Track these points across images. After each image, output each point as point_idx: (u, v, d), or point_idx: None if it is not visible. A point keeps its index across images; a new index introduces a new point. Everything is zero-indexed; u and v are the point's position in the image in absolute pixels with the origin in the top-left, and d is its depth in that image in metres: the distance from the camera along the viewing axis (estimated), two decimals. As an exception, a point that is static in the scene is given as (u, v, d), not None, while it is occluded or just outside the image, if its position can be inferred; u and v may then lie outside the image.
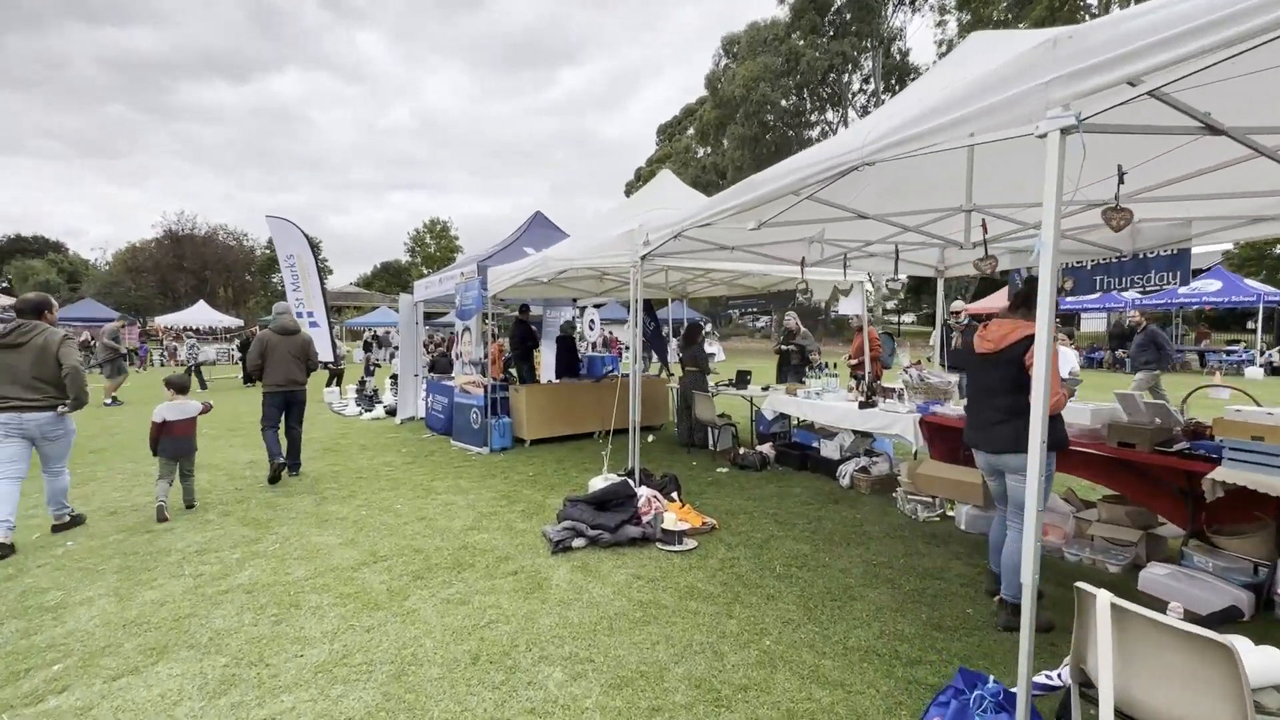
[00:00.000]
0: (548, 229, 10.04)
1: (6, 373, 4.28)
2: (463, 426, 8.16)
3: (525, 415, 8.06)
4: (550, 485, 6.02)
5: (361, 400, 12.03)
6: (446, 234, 64.54)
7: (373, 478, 6.40)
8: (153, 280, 39.25)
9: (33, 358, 4.34)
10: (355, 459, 7.39)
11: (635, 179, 56.42)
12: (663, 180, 7.18)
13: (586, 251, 5.60)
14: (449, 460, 7.31)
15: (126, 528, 4.74)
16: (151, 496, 5.31)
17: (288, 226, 13.39)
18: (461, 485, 6.05)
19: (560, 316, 13.09)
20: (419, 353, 11.16)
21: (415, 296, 10.46)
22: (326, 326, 13.74)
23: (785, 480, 6.20)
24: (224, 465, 7.04)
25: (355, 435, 9.16)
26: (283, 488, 6.02)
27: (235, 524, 4.83)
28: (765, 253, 5.46)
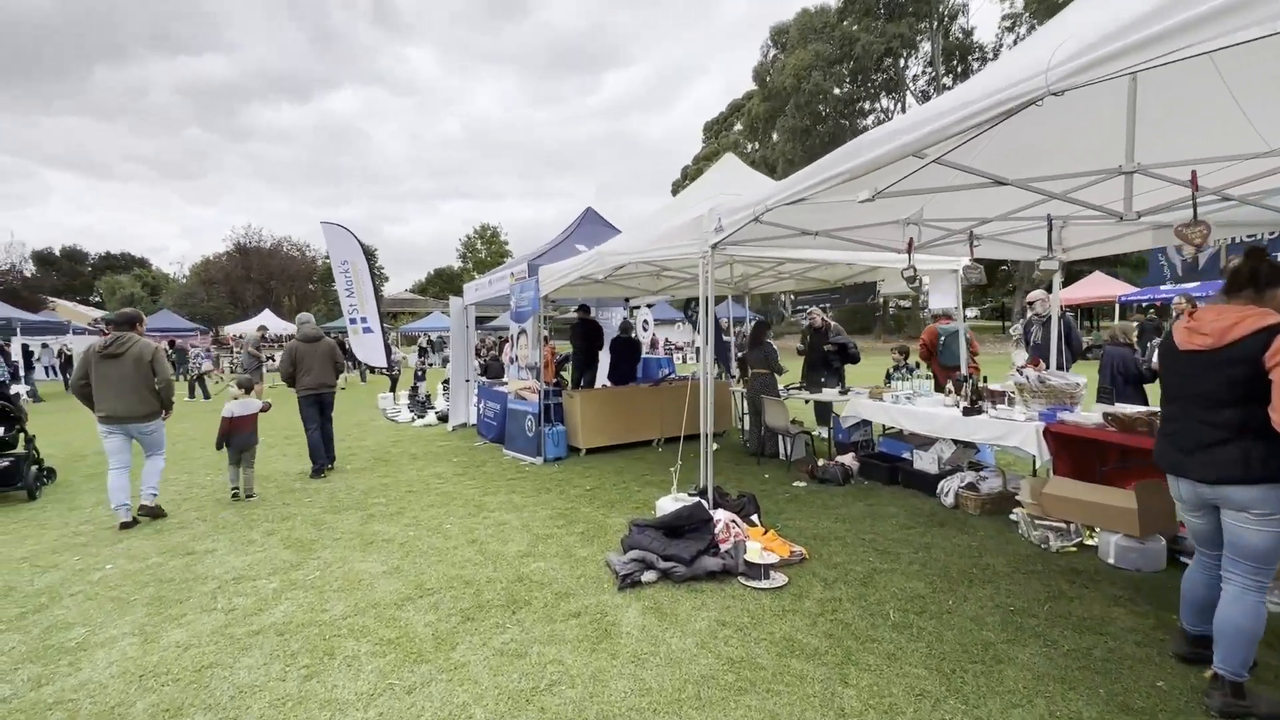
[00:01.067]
0: (599, 225, 9.55)
1: (108, 381, 4.88)
2: (515, 434, 7.74)
3: (580, 423, 7.57)
4: (610, 502, 5.47)
5: (414, 406, 11.86)
6: (496, 239, 65.51)
7: (422, 492, 6.03)
8: (223, 291, 41.21)
9: (130, 367, 4.93)
10: (405, 470, 7.06)
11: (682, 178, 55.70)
12: (726, 165, 6.54)
13: (647, 244, 5.03)
14: (501, 472, 6.88)
15: (168, 549, 4.47)
16: (196, 507, 5.09)
17: (342, 233, 13.40)
18: (515, 501, 5.58)
19: (612, 317, 12.60)
20: (470, 357, 10.88)
21: (466, 300, 10.17)
22: (380, 332, 13.69)
23: (874, 497, 5.45)
24: (275, 476, 6.83)
25: (407, 443, 8.90)
26: (330, 501, 5.71)
27: (278, 545, 4.50)
28: (853, 238, 4.75)
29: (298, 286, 45.65)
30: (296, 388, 6.66)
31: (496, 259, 61.90)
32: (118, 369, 4.88)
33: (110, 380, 4.87)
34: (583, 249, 8.38)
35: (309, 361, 6.63)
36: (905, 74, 39.42)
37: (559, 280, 6.73)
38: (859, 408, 6.12)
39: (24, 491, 6.16)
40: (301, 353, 6.63)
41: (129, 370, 4.90)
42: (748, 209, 3.61)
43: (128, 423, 4.97)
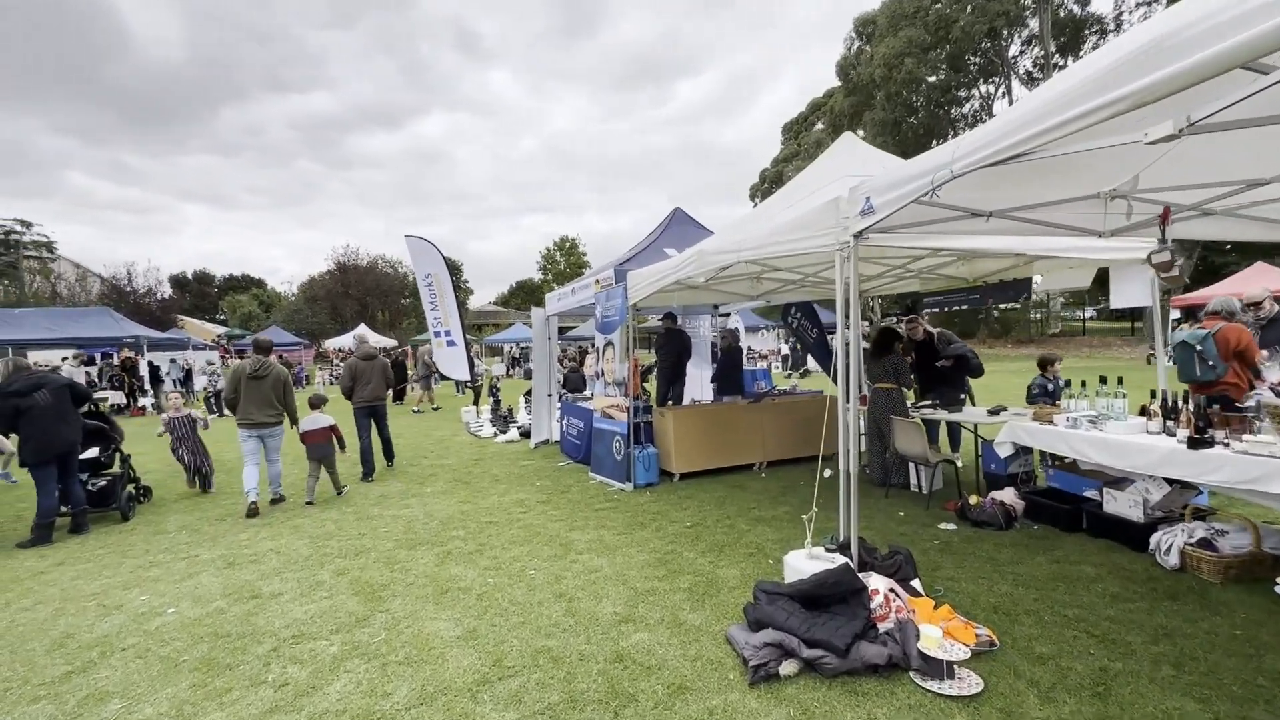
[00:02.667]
0: (688, 226, 8.79)
1: (254, 397, 6.06)
2: (602, 456, 7.06)
3: (674, 444, 6.78)
4: (717, 546, 4.63)
5: (496, 421, 11.53)
6: (575, 250, 66.39)
7: (504, 524, 5.43)
8: (325, 307, 43.95)
9: (270, 386, 6.14)
10: (486, 495, 6.53)
11: (760, 181, 54.13)
12: (844, 146, 5.57)
13: (765, 237, 4.18)
14: (588, 499, 6.20)
15: (235, 588, 4.07)
16: (272, 537, 4.73)
17: (425, 246, 13.40)
18: (606, 540, 4.86)
19: (700, 325, 11.77)
20: (553, 370, 10.39)
21: (548, 310, 9.67)
22: (464, 345, 13.57)
23: (1056, 549, 4.29)
24: (353, 500, 6.49)
25: (489, 462, 8.45)
26: (407, 532, 5.22)
27: (346, 589, 3.99)
28: (1032, 217, 3.68)
29: (391, 301, 48.01)
30: (354, 400, 7.59)
31: (575, 270, 62.68)
32: (260, 388, 6.08)
33: (254, 396, 6.06)
34: (672, 252, 7.64)
35: (366, 376, 7.60)
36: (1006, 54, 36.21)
37: (650, 285, 6.00)
38: (1020, 433, 4.94)
39: (118, 512, 6.14)
40: (360, 369, 7.62)
41: (268, 389, 6.13)
42: (919, 180, 2.69)
43: (261, 428, 6.11)
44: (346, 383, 7.60)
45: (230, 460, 8.96)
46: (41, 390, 5.44)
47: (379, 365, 7.75)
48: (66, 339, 16.78)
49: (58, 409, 5.49)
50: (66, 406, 5.59)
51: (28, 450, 5.36)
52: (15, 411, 5.33)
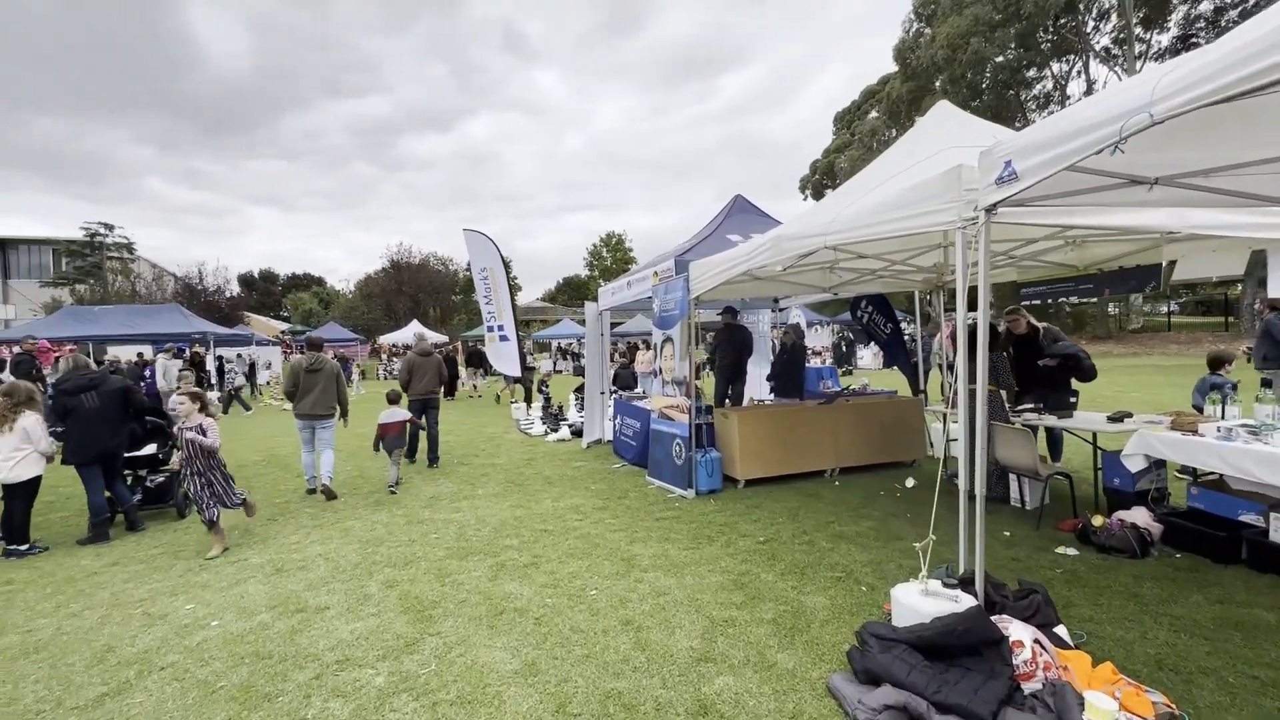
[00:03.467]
0: (751, 214, 8.24)
1: (307, 389, 6.46)
2: (661, 460, 6.62)
3: (739, 448, 6.28)
4: (798, 567, 4.12)
5: (547, 419, 11.26)
6: (621, 246, 66.25)
7: (560, 532, 5.06)
8: (380, 304, 45.09)
9: (324, 380, 6.53)
10: (540, 500, 6.19)
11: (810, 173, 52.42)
12: (938, 117, 4.92)
13: (858, 217, 3.63)
14: (647, 506, 5.78)
15: (281, 599, 3.82)
16: (320, 541, 4.49)
17: (481, 239, 13.26)
18: (671, 555, 4.41)
19: (759, 320, 11.19)
20: (606, 367, 10.02)
21: (601, 304, 9.30)
22: (516, 340, 13.40)
23: (1212, 585, 3.59)
24: (404, 501, 6.26)
25: (540, 462, 8.14)
26: (459, 539, 4.92)
27: (395, 605, 3.68)
28: (1208, 185, 3.00)
29: (442, 298, 48.85)
30: (409, 392, 7.99)
31: (622, 266, 62.56)
32: (314, 381, 6.48)
33: (309, 389, 6.47)
34: (736, 239, 7.12)
35: (422, 372, 8.06)
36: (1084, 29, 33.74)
37: (716, 276, 5.51)
38: (1156, 444, 4.23)
39: (174, 509, 6.10)
40: (417, 364, 8.08)
41: (322, 383, 6.51)
42: (1095, 132, 2.11)
43: (315, 420, 6.50)
44: (404, 376, 8.06)
45: (286, 455, 8.97)
46: (90, 392, 5.37)
47: (434, 362, 8.23)
48: (141, 335, 17.53)
49: (102, 412, 5.39)
50: (113, 411, 5.48)
51: (68, 449, 5.31)
52: (65, 410, 5.31)
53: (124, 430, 5.67)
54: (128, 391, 5.71)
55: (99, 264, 34.19)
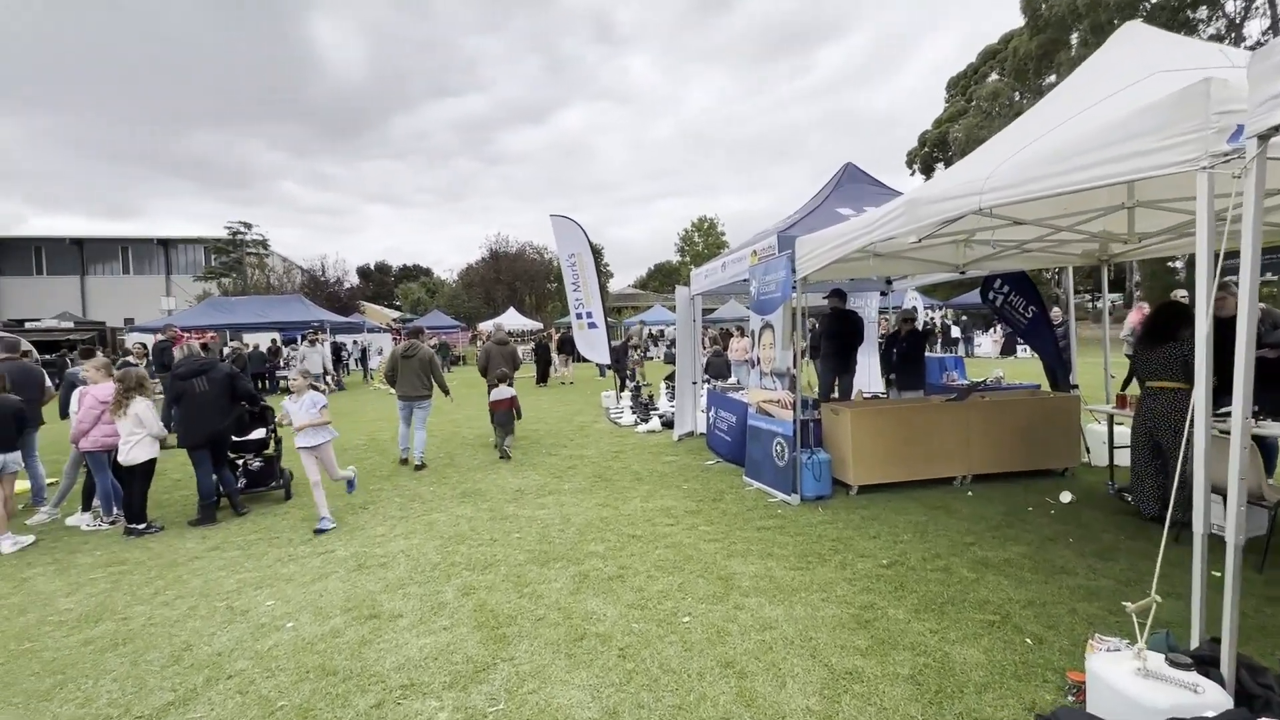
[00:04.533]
0: (863, 184, 7.32)
1: (406, 375, 7.30)
2: (760, 461, 5.98)
3: (851, 450, 5.51)
4: (936, 602, 3.38)
5: (637, 409, 10.87)
6: (714, 230, 64.93)
7: (648, 539, 4.59)
8: (479, 292, 46.99)
9: (418, 365, 7.34)
10: (628, 497, 5.77)
11: (919, 145, 48.38)
12: (1133, 37, 3.86)
13: (1032, 168, 2.80)
14: (745, 512, 5.18)
15: (357, 602, 3.63)
16: (405, 535, 4.31)
17: (569, 225, 13.07)
18: (776, 576, 3.81)
19: (866, 306, 10.14)
20: (698, 355, 9.45)
21: (693, 288, 8.71)
22: (604, 327, 13.13)
23: None
24: (490, 494, 6.06)
25: (629, 455, 7.74)
26: (541, 540, 4.58)
27: (468, 618, 3.36)
28: None
29: (537, 286, 50.15)
30: (487, 377, 8.72)
31: (713, 250, 61.35)
32: (410, 366, 7.32)
33: (405, 373, 7.32)
34: (847, 212, 6.29)
35: (497, 359, 8.77)
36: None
37: (828, 253, 4.76)
38: None
39: (280, 491, 6.28)
40: (493, 352, 8.97)
41: (416, 367, 7.33)
42: None
43: (412, 400, 7.31)
44: (482, 362, 9.12)
45: (386, 439, 9.20)
46: (200, 377, 5.55)
47: (509, 350, 9.22)
48: (269, 323, 19.08)
49: (210, 397, 5.56)
50: (221, 397, 5.64)
51: (179, 432, 5.55)
52: (178, 394, 5.52)
53: (231, 415, 5.85)
54: (234, 378, 5.88)
55: (240, 259, 37.98)
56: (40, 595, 3.92)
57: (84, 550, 4.81)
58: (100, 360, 5.49)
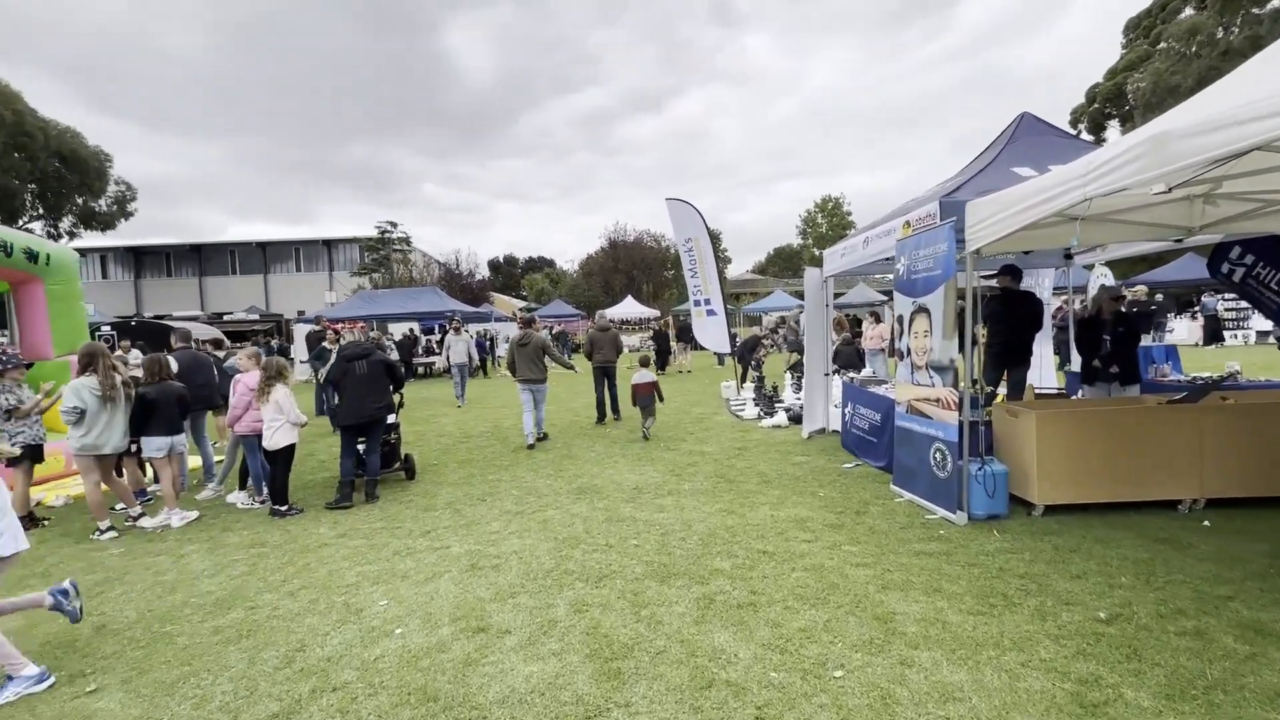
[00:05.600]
0: (1045, 136, 6.09)
1: (523, 361, 7.91)
2: (913, 468, 5.10)
3: (1036, 461, 4.49)
4: (1197, 684, 2.46)
5: (760, 401, 10.13)
6: (839, 210, 61.23)
7: (782, 557, 3.97)
8: (598, 281, 47.91)
9: (532, 352, 7.93)
10: (755, 503, 5.16)
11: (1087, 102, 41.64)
12: None
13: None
14: (898, 530, 4.38)
15: (464, 612, 3.39)
16: (520, 533, 4.06)
17: (685, 208, 12.53)
18: (950, 623, 3.04)
19: (1039, 284, 8.58)
20: (830, 343, 8.53)
21: (826, 269, 7.82)
22: (724, 314, 12.48)
23: None
24: (608, 492, 5.72)
25: (754, 453, 7.10)
26: (661, 548, 4.13)
27: (580, 646, 2.97)
28: None
29: (654, 274, 50.18)
30: (592, 361, 9.70)
31: (838, 231, 57.90)
32: (525, 353, 7.94)
33: (522, 359, 7.93)
34: (1027, 172, 5.20)
35: (600, 344, 9.62)
36: None
37: (1017, 216, 3.82)
38: None
39: (403, 473, 6.44)
40: (597, 338, 9.74)
41: (531, 354, 7.95)
42: None
43: (529, 384, 7.90)
44: (587, 348, 10.04)
45: (508, 427, 9.29)
46: (362, 361, 5.84)
47: (611, 335, 9.82)
48: (408, 313, 20.53)
49: (369, 381, 5.84)
50: (379, 381, 5.92)
51: (341, 413, 5.87)
52: (343, 374, 5.83)
53: (387, 399, 6.06)
54: (391, 365, 6.16)
55: (387, 256, 41.65)
56: (189, 574, 4.13)
57: (234, 529, 5.10)
58: (251, 350, 5.85)
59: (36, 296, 7.15)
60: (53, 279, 7.24)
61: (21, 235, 7.04)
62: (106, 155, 31.27)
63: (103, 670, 2.94)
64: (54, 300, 7.23)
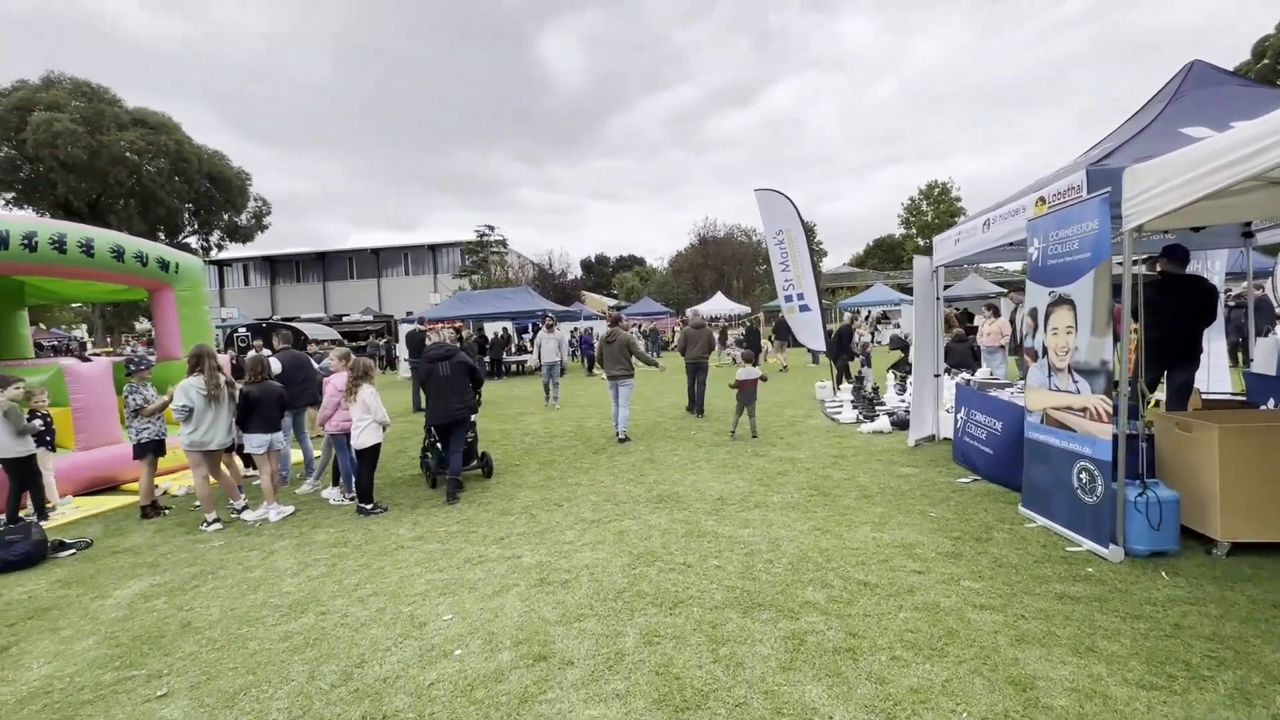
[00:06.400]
0: (1223, 85, 5.00)
1: (610, 357, 8.21)
2: (1050, 489, 4.31)
3: (1219, 486, 3.61)
4: None
5: (859, 403, 9.33)
6: (946, 196, 56.82)
7: (888, 593, 3.41)
8: (688, 278, 47.44)
9: (618, 349, 8.21)
10: (854, 521, 4.58)
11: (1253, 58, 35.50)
12: None
13: None
14: (1033, 566, 3.67)
15: (527, 635, 3.15)
16: (593, 545, 3.79)
17: (776, 198, 11.85)
18: (1112, 697, 2.40)
19: (1209, 269, 7.20)
20: (939, 340, 7.63)
21: (937, 257, 6.97)
22: (819, 310, 11.68)
23: None
24: (689, 501, 5.34)
25: (852, 462, 6.44)
26: (744, 575, 3.70)
27: (647, 689, 2.63)
28: None
29: (745, 270, 49.00)
30: (685, 357, 9.74)
31: (946, 219, 53.72)
32: (612, 350, 8.25)
33: (609, 356, 8.25)
34: (1201, 132, 4.25)
35: (694, 340, 9.64)
36: None
37: (1204, 181, 3.03)
38: None
39: (480, 470, 6.44)
40: (691, 335, 9.72)
41: (617, 351, 8.23)
42: None
43: (616, 380, 8.17)
44: (681, 345, 10.07)
45: (591, 427, 9.15)
46: (445, 362, 5.89)
47: (705, 333, 9.85)
48: (502, 313, 21.16)
49: (452, 382, 5.88)
50: (461, 382, 5.95)
51: (429, 412, 5.99)
52: (428, 374, 5.91)
53: (469, 400, 6.09)
54: (472, 367, 6.16)
55: (485, 258, 43.52)
56: (274, 572, 4.21)
57: (323, 526, 5.23)
58: (341, 350, 6.00)
59: (168, 302, 7.83)
60: (181, 285, 7.90)
61: (154, 246, 7.72)
62: (246, 175, 34.83)
63: (177, 672, 2.97)
64: (182, 305, 7.89)
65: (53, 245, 6.47)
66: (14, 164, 26.78)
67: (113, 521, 5.69)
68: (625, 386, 8.19)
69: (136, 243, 7.43)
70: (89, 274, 7.15)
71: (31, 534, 4.58)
